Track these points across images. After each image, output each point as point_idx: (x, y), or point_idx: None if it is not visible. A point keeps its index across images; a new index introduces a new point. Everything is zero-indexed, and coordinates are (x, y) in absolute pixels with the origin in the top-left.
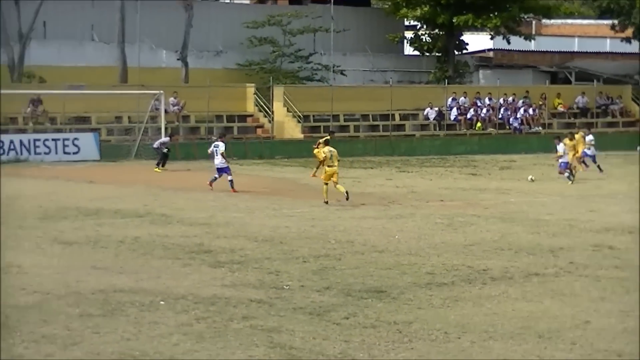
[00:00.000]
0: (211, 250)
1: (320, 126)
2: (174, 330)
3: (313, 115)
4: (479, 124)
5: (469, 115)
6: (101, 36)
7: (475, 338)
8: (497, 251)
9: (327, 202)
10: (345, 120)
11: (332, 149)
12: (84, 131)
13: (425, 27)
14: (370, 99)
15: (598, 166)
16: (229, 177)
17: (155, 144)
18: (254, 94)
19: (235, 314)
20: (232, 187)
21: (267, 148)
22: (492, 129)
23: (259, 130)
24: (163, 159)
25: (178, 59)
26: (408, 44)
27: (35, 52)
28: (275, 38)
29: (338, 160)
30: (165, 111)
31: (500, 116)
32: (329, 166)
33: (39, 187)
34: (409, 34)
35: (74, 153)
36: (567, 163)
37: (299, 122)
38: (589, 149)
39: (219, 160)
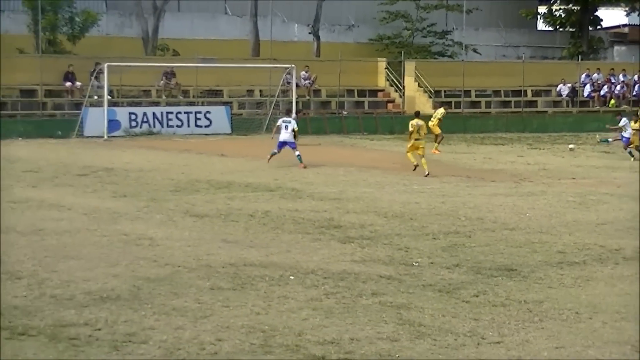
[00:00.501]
0: (341, 226)
1: (451, 101)
2: (304, 305)
3: (444, 91)
4: (612, 101)
5: (602, 92)
6: (234, 9)
7: (607, 319)
8: (630, 230)
9: (416, 167)
10: (476, 95)
11: (420, 122)
12: (215, 104)
13: (559, 1)
14: (502, 75)
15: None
16: (297, 152)
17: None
18: (385, 68)
19: (364, 290)
20: (301, 162)
21: (398, 123)
22: (626, 106)
23: (389, 105)
24: None
25: (310, 33)
26: (541, 19)
27: (169, 24)
28: (408, 12)
29: (425, 134)
30: (297, 85)
31: (634, 93)
32: (415, 139)
33: (171, 159)
34: (542, 9)
35: (205, 126)
36: (628, 138)
37: (429, 97)
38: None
39: (288, 136)
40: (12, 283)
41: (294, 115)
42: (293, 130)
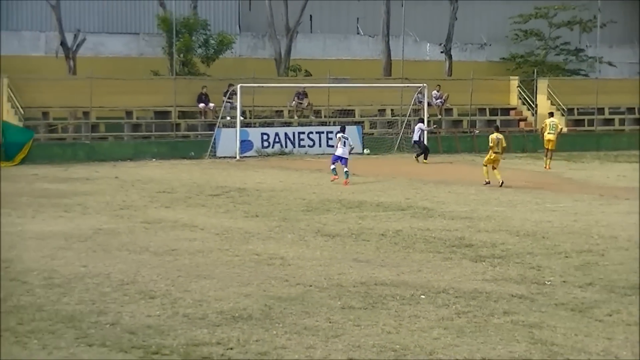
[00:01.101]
0: (472, 244)
1: (584, 119)
2: (435, 324)
3: (577, 109)
4: None
5: None
6: (366, 29)
7: None
8: None
9: (488, 183)
10: (610, 113)
11: (499, 136)
12: (347, 124)
13: None
14: (636, 92)
15: None
16: (346, 169)
17: (415, 136)
18: (518, 86)
19: (496, 309)
20: (347, 177)
21: (530, 141)
22: None
23: (521, 124)
24: (425, 151)
25: (442, 52)
26: None
27: (301, 45)
28: (540, 30)
29: (503, 148)
30: (429, 104)
31: None
32: (495, 152)
33: (302, 179)
34: None
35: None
36: None
37: (562, 115)
38: None
39: (344, 151)
40: (146, 302)
41: (425, 125)
42: (350, 146)
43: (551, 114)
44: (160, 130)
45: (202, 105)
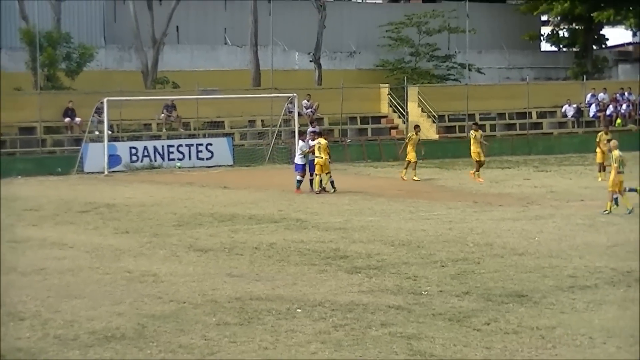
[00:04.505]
0: (347, 256)
1: (455, 126)
2: (312, 339)
3: (448, 115)
4: (618, 121)
5: (608, 112)
6: (234, 39)
7: (622, 343)
8: None
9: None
10: (481, 119)
11: (322, 141)
12: (217, 136)
13: (563, 22)
14: (506, 97)
15: None
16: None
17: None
18: (388, 94)
19: (373, 321)
20: (298, 188)
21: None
22: (632, 125)
23: (393, 132)
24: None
25: (311, 61)
26: (545, 40)
27: (168, 57)
28: (410, 37)
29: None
30: (299, 114)
31: None
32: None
33: (173, 193)
34: (545, 30)
35: (207, 158)
36: None
37: (433, 122)
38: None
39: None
40: (15, 324)
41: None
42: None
43: (417, 127)
44: (25, 147)
45: (68, 119)
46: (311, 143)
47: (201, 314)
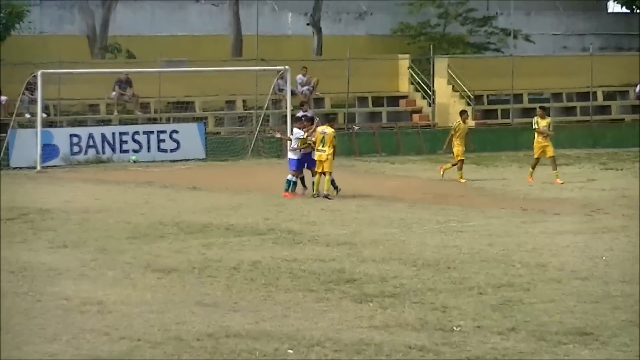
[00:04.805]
0: (355, 279)
1: (496, 109)
2: None
3: (487, 95)
4: None
5: None
6: None
7: None
8: None
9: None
10: (530, 101)
11: (327, 130)
12: (185, 121)
13: None
14: (563, 73)
15: None
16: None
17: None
18: (409, 68)
19: None
20: (289, 191)
21: (427, 140)
22: None
23: (415, 117)
24: None
25: (308, 24)
26: None
27: (123, 18)
28: None
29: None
30: (292, 93)
31: None
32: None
33: (126, 196)
34: None
35: (172, 150)
36: None
37: (468, 104)
38: None
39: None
40: None
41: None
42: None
43: (463, 113)
44: None
45: None
46: (299, 133)
47: (161, 355)
